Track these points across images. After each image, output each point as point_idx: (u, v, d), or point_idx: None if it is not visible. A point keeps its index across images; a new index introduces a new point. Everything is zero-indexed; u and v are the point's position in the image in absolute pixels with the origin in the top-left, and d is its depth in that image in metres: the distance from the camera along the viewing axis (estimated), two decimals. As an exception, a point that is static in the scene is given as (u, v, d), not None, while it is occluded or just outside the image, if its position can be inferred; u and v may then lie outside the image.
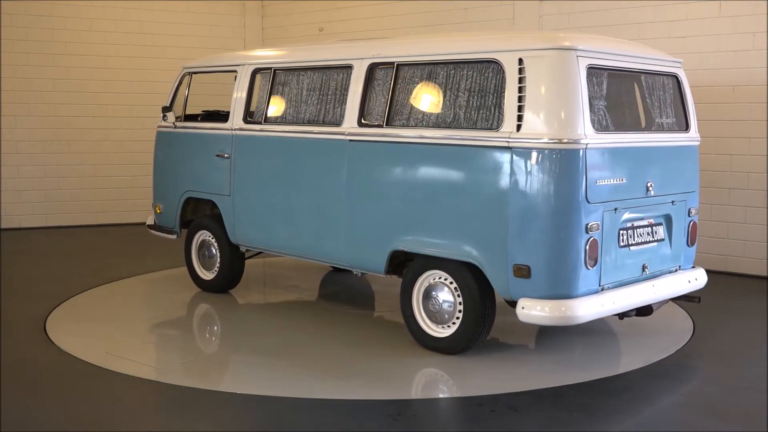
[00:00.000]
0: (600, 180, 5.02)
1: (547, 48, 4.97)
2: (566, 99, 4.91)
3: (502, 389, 4.88)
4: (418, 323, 5.58)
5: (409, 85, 5.60)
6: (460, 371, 5.23)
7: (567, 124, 4.88)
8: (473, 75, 5.25)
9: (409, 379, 5.13)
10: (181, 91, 7.41)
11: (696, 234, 5.91)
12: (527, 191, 4.94)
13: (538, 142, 4.89)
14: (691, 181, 5.86)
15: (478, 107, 5.20)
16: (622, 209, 5.18)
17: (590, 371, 5.25)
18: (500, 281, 5.11)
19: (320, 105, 6.18)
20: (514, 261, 5.00)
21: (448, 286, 5.42)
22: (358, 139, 5.82)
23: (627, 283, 5.28)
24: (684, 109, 5.88)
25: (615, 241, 5.17)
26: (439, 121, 5.40)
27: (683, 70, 5.93)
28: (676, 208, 5.67)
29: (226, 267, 7.12)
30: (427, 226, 5.45)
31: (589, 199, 4.93)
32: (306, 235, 6.29)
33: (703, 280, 5.89)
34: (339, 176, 5.96)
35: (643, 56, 5.58)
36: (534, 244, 4.95)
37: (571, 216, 4.90)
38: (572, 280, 4.92)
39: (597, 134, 4.99)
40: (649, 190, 5.38)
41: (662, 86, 5.73)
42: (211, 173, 7.01)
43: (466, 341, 5.38)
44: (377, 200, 5.74)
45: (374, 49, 5.91)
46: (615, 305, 5.08)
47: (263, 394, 4.82)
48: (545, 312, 4.88)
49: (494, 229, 5.07)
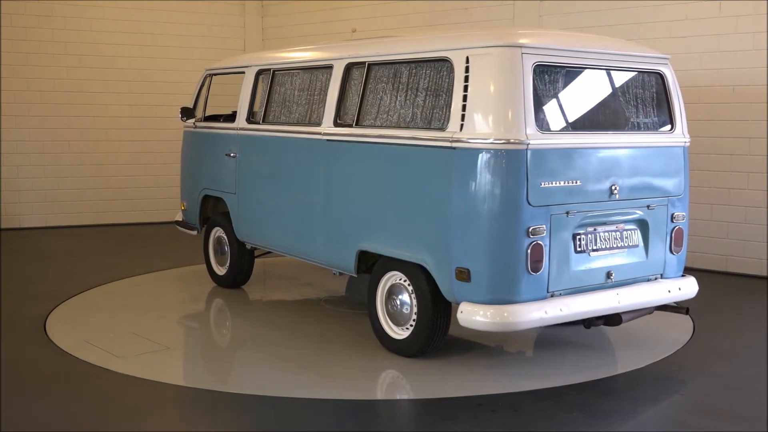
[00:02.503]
0: (545, 182, 4.81)
1: (491, 45, 4.84)
2: (507, 98, 4.75)
3: (502, 389, 4.88)
4: (381, 323, 5.56)
5: (378, 85, 5.59)
6: (459, 371, 5.23)
7: (507, 124, 4.72)
8: (431, 74, 5.20)
9: (409, 379, 5.13)
10: (202, 92, 7.72)
11: (682, 241, 5.56)
12: (467, 193, 4.83)
13: (479, 143, 4.78)
14: (674, 184, 5.52)
15: (432, 107, 5.14)
16: (576, 213, 4.95)
17: (590, 371, 5.25)
18: (445, 284, 5.00)
19: (308, 105, 6.27)
20: (456, 264, 4.90)
21: (406, 288, 5.38)
22: (333, 138, 5.87)
23: (586, 290, 5.06)
24: (669, 108, 5.57)
25: (569, 246, 4.97)
26: (400, 120, 5.37)
27: (670, 67, 5.62)
28: (653, 212, 5.37)
29: (235, 263, 7.30)
30: (385, 227, 5.45)
31: (531, 202, 4.75)
32: (292, 234, 6.42)
33: (691, 289, 5.57)
34: (318, 176, 6.03)
35: (616, 53, 5.31)
36: (474, 247, 4.83)
37: (510, 219, 4.74)
38: (513, 285, 4.76)
39: (543, 135, 4.80)
40: (613, 194, 5.12)
41: (642, 84, 5.45)
42: (221, 172, 7.23)
43: (419, 345, 5.30)
44: (346, 200, 5.79)
45: (352, 49, 5.96)
46: (563, 312, 4.85)
47: (263, 394, 4.81)
48: (484, 317, 4.74)
49: (440, 231, 4.99)
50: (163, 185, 11.64)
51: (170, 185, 11.61)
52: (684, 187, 5.58)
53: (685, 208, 5.60)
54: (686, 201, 5.62)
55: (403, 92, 5.38)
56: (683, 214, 5.56)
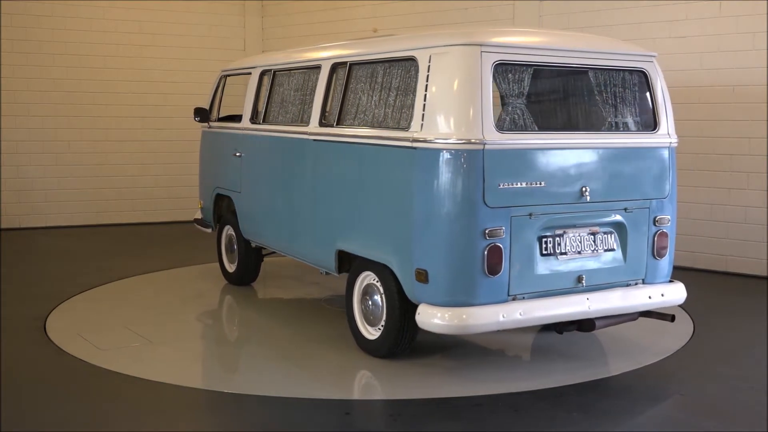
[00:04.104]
0: (504, 183, 4.70)
1: (451, 44, 4.79)
2: (464, 97, 4.67)
3: (501, 389, 4.88)
4: (356, 323, 5.55)
5: (358, 85, 5.59)
6: (458, 371, 5.23)
7: (464, 123, 4.65)
8: (401, 74, 5.18)
9: (409, 380, 5.12)
10: (218, 93, 7.86)
11: (666, 245, 5.32)
12: (425, 193, 4.78)
13: (436, 143, 4.72)
14: (656, 186, 5.27)
15: (402, 107, 5.11)
16: (540, 215, 4.83)
17: (590, 371, 5.25)
18: (408, 285, 4.96)
19: (301, 105, 6.31)
20: (416, 265, 4.85)
21: (378, 289, 5.34)
22: (318, 138, 5.90)
23: (554, 294, 4.92)
24: (653, 107, 5.34)
25: (533, 249, 4.85)
26: (374, 120, 5.35)
27: (656, 65, 5.37)
28: (631, 216, 5.17)
29: (242, 261, 7.40)
30: (359, 227, 5.45)
31: (488, 204, 4.66)
32: (286, 233, 6.47)
33: (677, 295, 5.37)
34: (307, 175, 6.07)
35: (590, 51, 5.12)
36: (431, 248, 4.77)
37: (465, 220, 4.66)
38: (470, 288, 4.68)
39: (502, 135, 4.70)
40: (584, 196, 4.96)
41: (622, 83, 5.26)
42: (230, 171, 7.35)
43: (388, 346, 5.26)
44: (327, 200, 5.82)
45: (338, 49, 5.98)
46: (522, 317, 4.72)
47: (264, 394, 4.81)
48: (440, 320, 4.66)
49: (402, 232, 4.95)
50: (163, 185, 11.65)
51: (170, 185, 11.64)
52: (670, 190, 5.34)
53: (671, 211, 5.35)
54: (673, 204, 5.38)
55: (378, 92, 5.38)
56: (668, 218, 5.32)
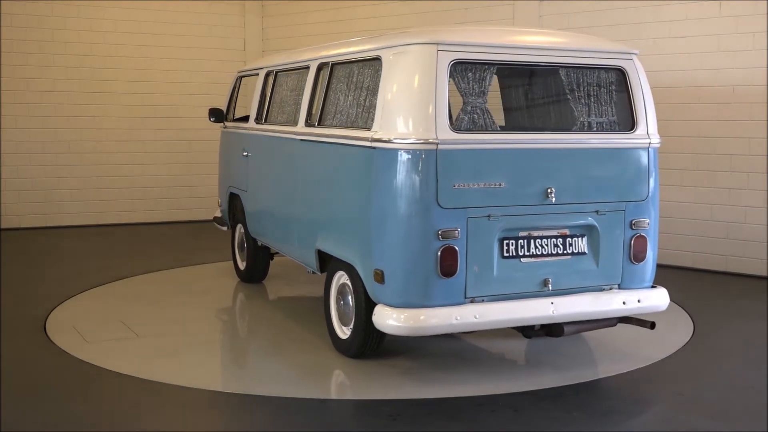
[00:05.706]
0: (460, 184, 4.63)
1: (409, 43, 4.76)
2: (419, 97, 4.63)
3: (502, 389, 4.88)
4: (332, 322, 5.54)
5: (337, 85, 5.60)
6: (458, 371, 5.23)
7: (418, 123, 4.61)
8: (370, 74, 5.17)
9: (409, 380, 5.12)
10: (234, 93, 7.98)
11: (646, 249, 5.12)
12: (382, 193, 4.76)
13: (393, 143, 4.70)
14: (633, 188, 5.08)
15: (369, 106, 5.09)
16: (500, 217, 4.74)
17: (590, 371, 5.25)
18: (369, 286, 4.93)
19: (294, 105, 6.34)
20: (374, 265, 4.82)
21: (349, 288, 5.31)
22: (303, 138, 5.93)
23: (516, 297, 4.82)
24: (631, 106, 5.13)
25: (494, 251, 4.76)
26: (347, 120, 5.36)
27: (636, 63, 5.17)
28: (604, 218, 5.00)
29: (251, 259, 7.50)
30: (331, 227, 5.47)
31: (441, 204, 4.60)
32: (281, 232, 6.52)
33: (656, 302, 5.18)
34: (296, 174, 6.11)
35: (559, 49, 4.98)
36: (387, 249, 4.75)
37: (419, 221, 4.61)
38: (423, 289, 4.63)
39: (458, 135, 4.64)
40: (549, 198, 4.84)
41: (596, 81, 5.10)
42: (239, 170, 7.43)
43: (357, 346, 5.24)
44: (308, 199, 5.86)
45: (324, 49, 6.00)
46: (478, 320, 4.65)
47: (263, 394, 4.82)
48: (395, 321, 4.63)
49: (363, 232, 4.93)
50: (163, 185, 11.65)
51: (170, 185, 11.65)
52: (649, 192, 5.14)
53: (650, 214, 5.15)
54: (654, 207, 5.19)
55: (352, 92, 5.39)
56: (647, 221, 5.12)
